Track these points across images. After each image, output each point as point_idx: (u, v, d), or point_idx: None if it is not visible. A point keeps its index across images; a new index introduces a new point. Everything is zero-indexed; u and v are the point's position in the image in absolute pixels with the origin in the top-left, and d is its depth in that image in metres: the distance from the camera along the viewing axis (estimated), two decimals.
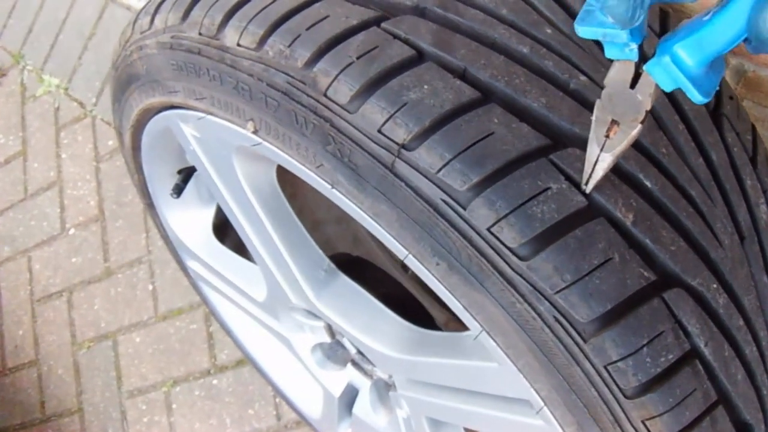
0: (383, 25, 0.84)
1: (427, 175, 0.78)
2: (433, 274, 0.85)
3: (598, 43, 0.84)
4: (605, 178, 0.76)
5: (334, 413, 1.57)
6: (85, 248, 2.61)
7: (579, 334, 0.77)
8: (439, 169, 0.77)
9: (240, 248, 1.42)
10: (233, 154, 1.09)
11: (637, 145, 0.81)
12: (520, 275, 0.77)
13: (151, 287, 2.46)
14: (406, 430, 1.35)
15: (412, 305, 1.28)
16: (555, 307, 0.77)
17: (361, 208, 0.87)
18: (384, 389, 1.40)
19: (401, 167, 0.80)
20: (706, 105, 0.90)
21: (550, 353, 0.80)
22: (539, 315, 0.78)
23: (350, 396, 1.50)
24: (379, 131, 0.80)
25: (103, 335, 2.50)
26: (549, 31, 0.83)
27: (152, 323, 2.43)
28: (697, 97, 0.61)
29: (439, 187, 0.78)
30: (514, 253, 0.76)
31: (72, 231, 2.64)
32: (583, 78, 0.82)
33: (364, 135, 0.81)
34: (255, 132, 0.97)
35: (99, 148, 2.66)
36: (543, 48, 0.82)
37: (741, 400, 0.83)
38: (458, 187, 0.77)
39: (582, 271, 0.75)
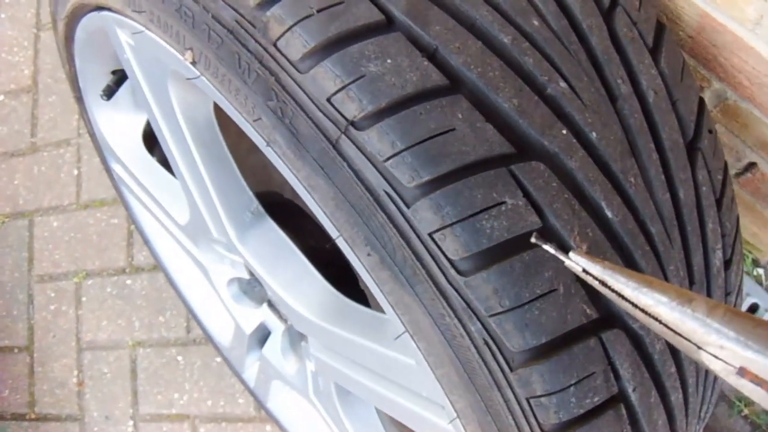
0: None
1: (373, 162, 0.69)
2: (362, 263, 0.77)
3: (586, 48, 0.76)
4: (565, 201, 0.69)
5: (243, 347, 1.51)
6: (13, 119, 2.45)
7: (507, 362, 0.71)
8: (388, 158, 0.68)
9: (168, 163, 1.31)
10: (169, 77, 0.98)
11: (605, 171, 0.73)
12: (456, 290, 0.69)
13: (76, 172, 2.33)
14: (312, 384, 1.30)
15: (338, 263, 1.20)
16: (487, 330, 0.70)
17: (296, 175, 0.78)
18: (297, 337, 1.34)
19: (346, 146, 0.70)
20: (683, 136, 0.82)
21: (473, 373, 0.74)
22: (468, 334, 0.71)
23: (262, 335, 1.44)
24: (329, 101, 0.70)
25: (19, 213, 2.37)
26: (536, 22, 0.74)
27: (72, 210, 2.31)
28: None
29: (384, 177, 0.69)
30: (453, 266, 0.69)
31: (1, 98, 2.47)
32: (562, 84, 0.73)
33: (312, 101, 0.71)
34: (193, 63, 0.86)
35: (42, 16, 2.46)
36: (526, 41, 0.73)
37: None
38: (405, 182, 0.68)
39: (523, 298, 0.68)
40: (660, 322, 0.51)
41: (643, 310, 0.52)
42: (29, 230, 2.35)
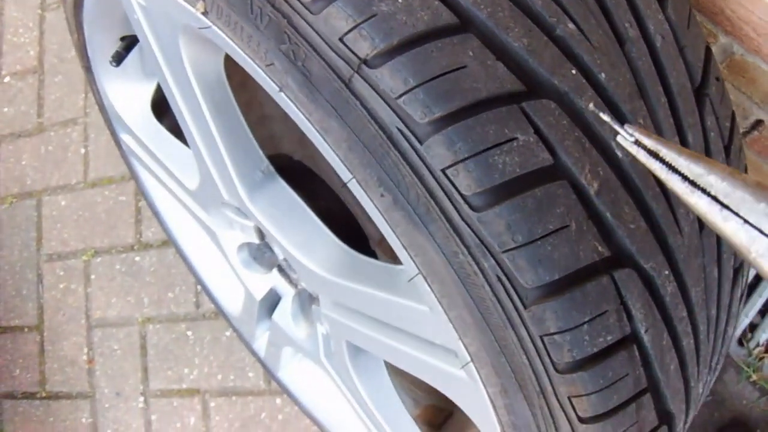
0: None
1: (385, 99, 0.70)
2: (375, 205, 0.77)
3: None
4: (576, 140, 0.69)
5: (253, 315, 1.52)
6: (19, 99, 2.45)
7: (520, 299, 0.71)
8: (400, 95, 0.69)
9: (177, 130, 1.32)
10: (179, 33, 0.98)
11: (615, 111, 0.74)
12: (469, 226, 0.70)
13: (83, 151, 2.34)
14: (324, 347, 1.31)
15: (348, 222, 1.21)
16: (500, 266, 0.70)
17: (308, 119, 0.79)
18: (307, 301, 1.35)
19: (359, 84, 0.71)
20: (691, 82, 0.82)
21: (486, 312, 0.75)
22: (482, 271, 0.72)
23: (272, 301, 1.44)
24: (341, 40, 0.71)
25: (27, 193, 2.38)
26: None
27: (80, 188, 2.32)
28: None
29: (397, 114, 0.70)
30: (466, 202, 0.69)
31: (7, 79, 2.48)
32: (570, 26, 0.73)
33: (324, 41, 0.72)
34: (204, 14, 0.86)
35: None
36: None
37: (669, 390, 0.80)
38: (418, 118, 0.69)
39: (535, 234, 0.69)
40: (709, 194, 0.51)
41: (693, 182, 0.52)
42: (37, 210, 2.36)
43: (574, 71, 0.72)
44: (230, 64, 1.05)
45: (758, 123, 1.13)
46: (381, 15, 0.69)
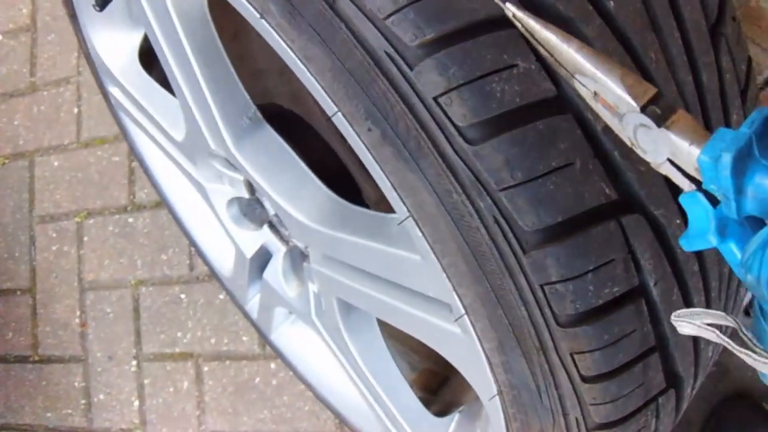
0: None
1: (372, 20, 0.63)
2: (362, 141, 0.71)
3: None
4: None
5: (244, 274, 1.46)
6: (11, 58, 2.39)
7: (519, 243, 0.65)
8: (389, 15, 0.62)
9: (166, 82, 1.26)
10: None
11: (624, 43, 0.67)
12: (464, 161, 0.64)
13: (76, 110, 2.28)
14: (315, 306, 1.25)
15: (343, 179, 1.15)
16: (497, 206, 0.64)
17: (291, 47, 0.72)
18: (299, 259, 1.29)
19: (344, 4, 0.64)
20: (706, 20, 0.75)
21: (482, 258, 0.68)
22: (477, 212, 0.65)
23: (263, 259, 1.39)
24: None
25: (19, 153, 2.33)
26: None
27: (73, 149, 2.26)
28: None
29: (385, 36, 0.63)
30: (460, 133, 0.63)
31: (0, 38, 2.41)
32: None
33: None
34: None
35: None
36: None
37: (678, 350, 0.74)
38: (408, 41, 0.62)
39: (536, 171, 0.63)
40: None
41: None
42: (30, 171, 2.31)
43: None
44: (222, 14, 0.99)
45: None
46: None
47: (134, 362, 2.10)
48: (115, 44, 1.40)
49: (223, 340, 1.99)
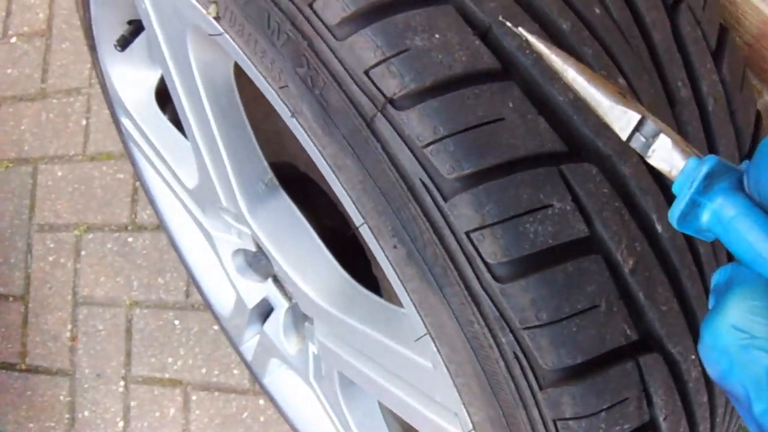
0: None
1: (410, 146, 0.62)
2: (386, 255, 0.70)
3: (648, 44, 0.68)
4: (615, 210, 0.62)
5: (243, 320, 1.45)
6: (24, 62, 2.37)
7: (537, 379, 0.64)
8: (428, 144, 0.61)
9: (180, 123, 1.24)
10: (188, 31, 0.90)
11: (659, 181, 0.66)
12: (490, 296, 0.63)
13: (84, 122, 2.26)
14: (314, 368, 1.24)
15: (354, 249, 1.13)
16: (519, 343, 0.63)
17: (321, 152, 0.71)
18: (301, 318, 1.27)
19: (382, 125, 0.63)
20: (739, 151, 0.75)
21: (497, 386, 0.67)
22: (498, 345, 0.64)
23: (264, 310, 1.37)
24: (367, 74, 0.63)
25: (24, 159, 2.31)
26: (597, 11, 0.66)
27: (78, 161, 2.25)
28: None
29: (421, 164, 0.62)
30: (490, 270, 0.62)
31: (14, 39, 2.40)
32: (621, 81, 0.65)
33: (347, 72, 0.64)
34: (217, 19, 0.78)
35: None
36: (586, 30, 0.65)
37: None
38: (445, 172, 0.61)
39: (562, 313, 0.62)
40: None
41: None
42: (33, 177, 2.29)
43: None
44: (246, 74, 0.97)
45: None
46: (414, 50, 0.61)
47: (122, 383, 2.08)
48: (132, 80, 1.39)
49: (213, 371, 1.98)
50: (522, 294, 0.61)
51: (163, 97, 1.40)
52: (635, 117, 0.50)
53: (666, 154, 0.49)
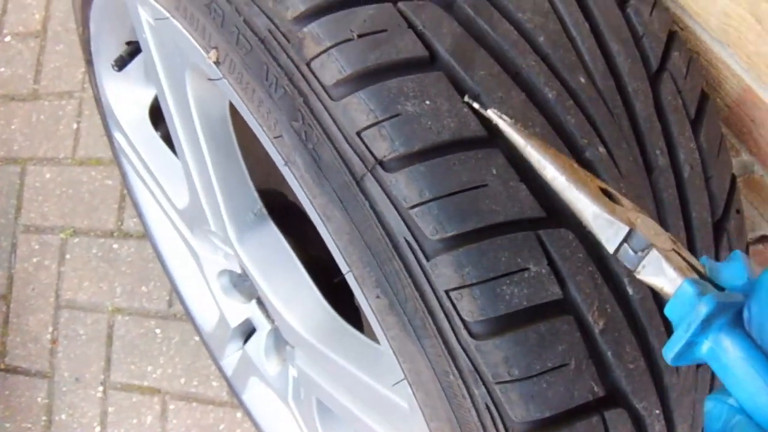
0: (400, 4, 0.69)
1: (397, 206, 0.65)
2: (369, 303, 0.73)
3: (629, 113, 0.72)
4: (588, 274, 0.65)
5: (225, 338, 1.47)
6: (17, 62, 2.39)
7: (506, 430, 0.68)
8: (414, 206, 0.64)
9: (172, 141, 1.27)
10: (187, 68, 0.93)
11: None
12: (465, 351, 0.66)
13: (75, 126, 2.28)
14: (293, 390, 1.27)
15: (338, 278, 1.16)
16: (491, 396, 0.67)
17: (311, 201, 0.74)
18: (283, 340, 1.30)
19: (371, 185, 0.66)
20: (712, 215, 0.79)
21: None
22: (471, 396, 0.68)
23: (246, 330, 1.40)
24: (359, 135, 0.66)
25: (12, 159, 2.32)
26: (582, 80, 0.70)
27: (67, 164, 2.26)
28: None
29: (406, 224, 0.65)
30: (466, 327, 0.65)
31: (8, 39, 2.41)
32: (601, 149, 0.69)
33: (340, 131, 0.67)
34: (216, 63, 0.81)
35: None
36: (570, 99, 0.69)
37: None
38: (429, 233, 0.64)
39: (533, 370, 0.65)
40: None
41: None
42: (21, 178, 2.30)
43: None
44: None
45: (763, 238, 1.11)
46: (405, 116, 0.65)
47: (101, 388, 2.09)
48: (126, 98, 1.42)
49: (192, 381, 2.00)
50: (496, 351, 0.65)
51: (156, 114, 1.43)
52: (623, 229, 0.48)
53: (657, 270, 0.47)
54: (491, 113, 0.56)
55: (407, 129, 0.64)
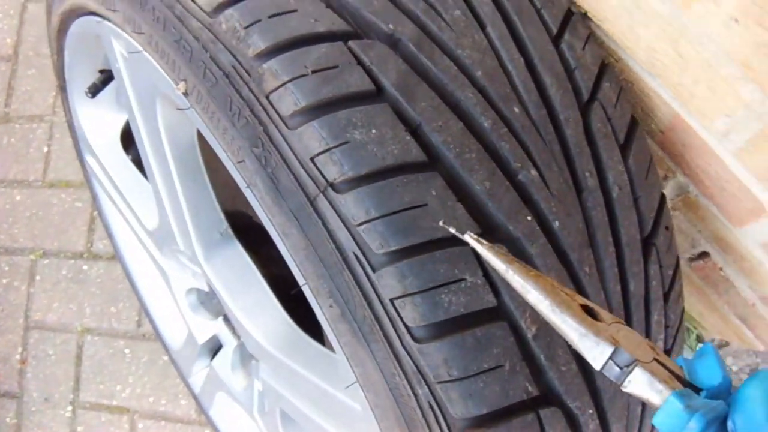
0: (350, 43, 0.76)
1: (346, 224, 0.73)
2: (323, 312, 0.80)
3: (560, 139, 0.80)
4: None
5: (192, 354, 1.53)
6: None
7: (448, 426, 0.75)
8: (361, 224, 0.72)
9: (142, 165, 1.33)
10: (158, 97, 1.00)
11: (563, 259, 0.78)
12: (409, 354, 0.73)
13: (46, 149, 2.32)
14: (258, 404, 1.33)
15: (299, 294, 1.23)
16: (433, 395, 0.74)
17: (270, 220, 0.81)
18: (248, 355, 1.36)
19: (323, 205, 0.74)
20: (641, 232, 0.87)
21: (415, 430, 0.78)
22: (415, 395, 0.75)
23: (213, 346, 1.46)
24: (312, 160, 0.73)
25: None
26: (516, 110, 0.78)
27: (37, 186, 2.30)
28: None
29: (355, 240, 0.73)
30: (409, 332, 0.72)
31: None
32: (533, 172, 0.77)
33: (296, 156, 0.75)
34: (185, 94, 0.88)
35: None
36: (505, 127, 0.77)
37: None
38: (374, 248, 0.72)
39: (470, 371, 0.72)
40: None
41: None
42: None
43: (529, 218, 0.76)
44: None
45: (704, 254, 1.18)
46: (353, 143, 0.72)
47: (70, 408, 2.13)
48: (98, 122, 1.47)
49: (161, 400, 2.04)
50: (436, 353, 0.72)
51: (127, 139, 1.49)
52: (608, 349, 0.52)
53: (643, 385, 0.51)
54: (468, 237, 0.59)
55: (355, 155, 0.72)
